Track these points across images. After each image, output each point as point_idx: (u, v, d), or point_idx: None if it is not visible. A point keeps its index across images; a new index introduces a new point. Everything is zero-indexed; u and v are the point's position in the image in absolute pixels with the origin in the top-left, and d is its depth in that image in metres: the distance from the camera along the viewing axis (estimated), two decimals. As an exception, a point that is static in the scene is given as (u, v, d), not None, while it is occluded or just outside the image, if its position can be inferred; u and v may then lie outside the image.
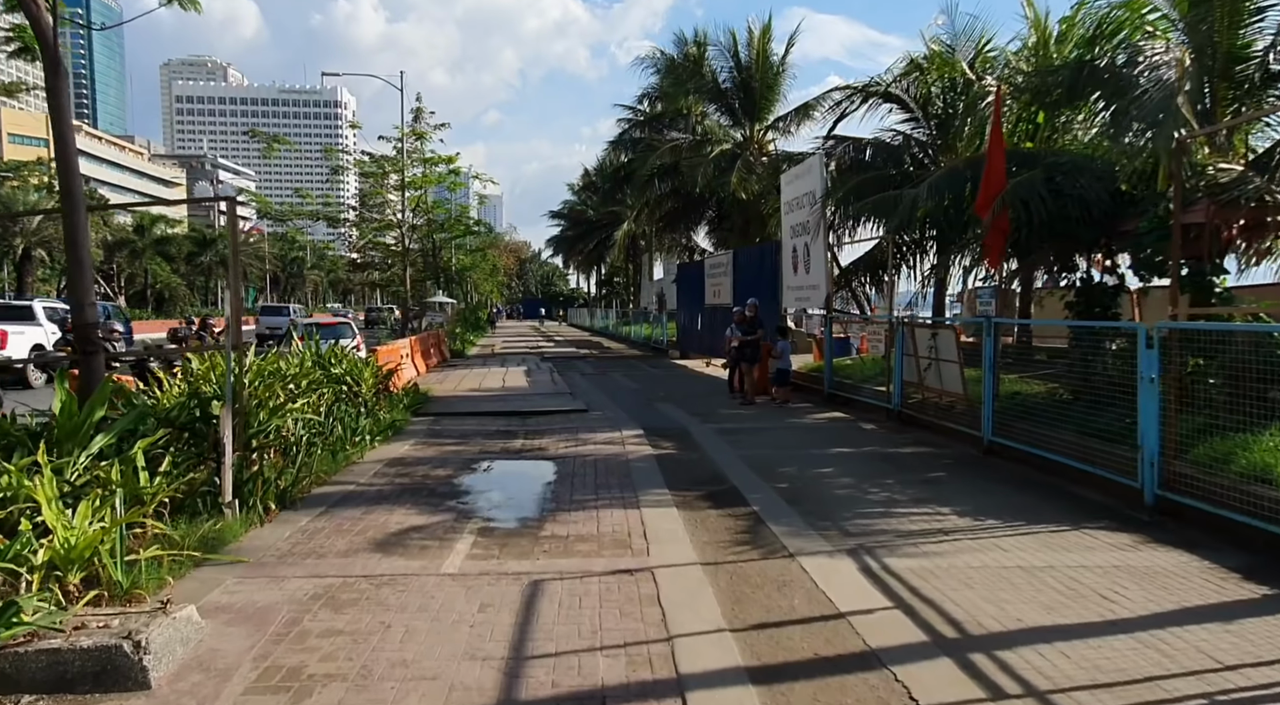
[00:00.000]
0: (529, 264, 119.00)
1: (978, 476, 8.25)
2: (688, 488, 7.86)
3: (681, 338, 27.02)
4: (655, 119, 34.72)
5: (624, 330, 40.75)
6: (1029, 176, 8.85)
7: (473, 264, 63.27)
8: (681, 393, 16.53)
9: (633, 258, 49.87)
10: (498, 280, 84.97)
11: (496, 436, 11.09)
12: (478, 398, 15.48)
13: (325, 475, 8.25)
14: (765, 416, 12.96)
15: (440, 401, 14.70)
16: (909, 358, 11.72)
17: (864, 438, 10.81)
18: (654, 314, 33.12)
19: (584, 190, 54.36)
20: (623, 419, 12.61)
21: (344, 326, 21.38)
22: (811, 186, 14.90)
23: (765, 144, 27.99)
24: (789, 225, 16.52)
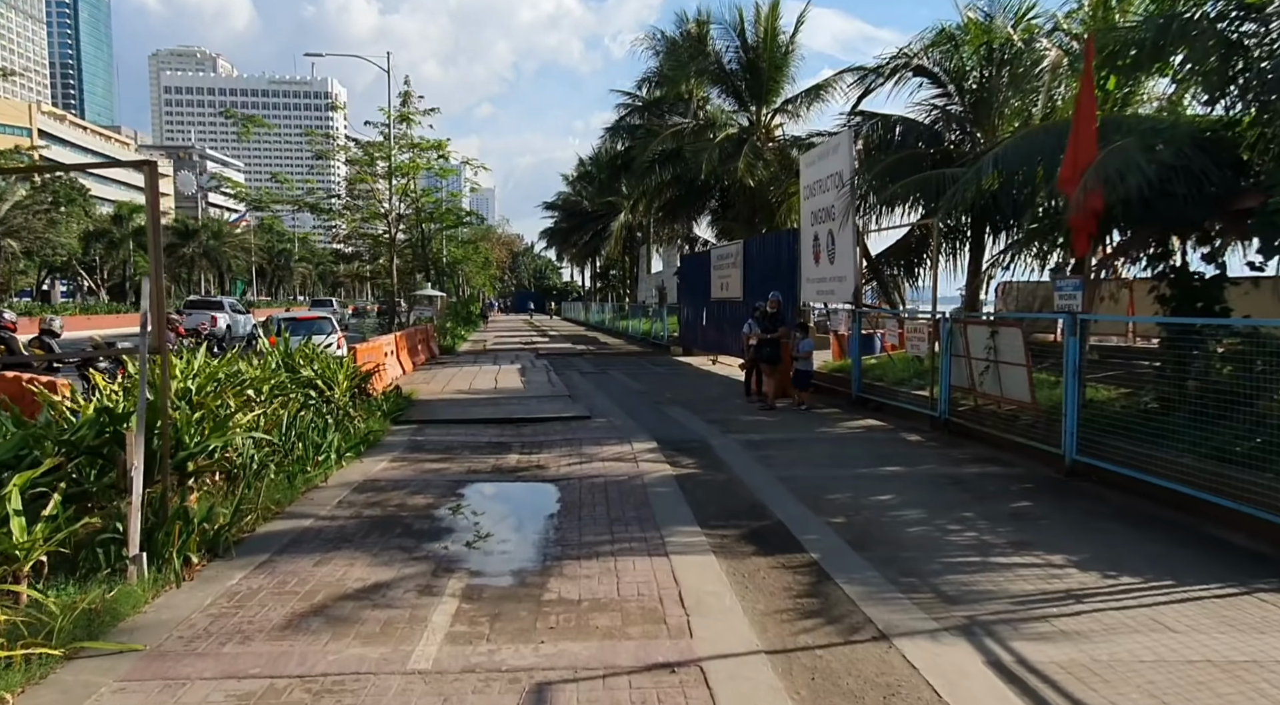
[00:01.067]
0: (521, 257, 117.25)
1: (1073, 508, 6.79)
2: (722, 523, 6.39)
3: (684, 333, 25.55)
4: (654, 104, 33.13)
5: (621, 325, 39.25)
6: (1121, 145, 7.41)
7: (465, 256, 61.77)
8: (691, 395, 15.06)
9: (630, 250, 48.32)
10: (490, 273, 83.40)
11: (488, 450, 9.60)
12: (468, 401, 13.98)
13: (278, 506, 6.75)
14: (792, 424, 11.50)
15: (425, 406, 13.20)
16: (958, 359, 10.27)
17: (914, 453, 9.35)
18: (653, 308, 31.63)
19: (579, 180, 52.71)
20: (631, 428, 11.13)
21: (322, 321, 19.83)
22: (838, 167, 13.42)
23: (773, 128, 26.48)
24: (809, 211, 15.04)
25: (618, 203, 44.27)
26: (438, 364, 22.31)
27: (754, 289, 18.51)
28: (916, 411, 11.27)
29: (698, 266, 23.77)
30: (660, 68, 32.63)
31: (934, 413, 10.71)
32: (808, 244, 15.23)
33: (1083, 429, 7.64)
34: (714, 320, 21.80)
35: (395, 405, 12.18)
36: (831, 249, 14.04)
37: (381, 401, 12.00)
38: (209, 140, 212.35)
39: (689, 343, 25.04)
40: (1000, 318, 9.77)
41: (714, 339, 21.92)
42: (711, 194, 28.30)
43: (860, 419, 11.95)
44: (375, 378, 14.52)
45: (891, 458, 9.01)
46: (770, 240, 17.61)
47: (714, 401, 14.09)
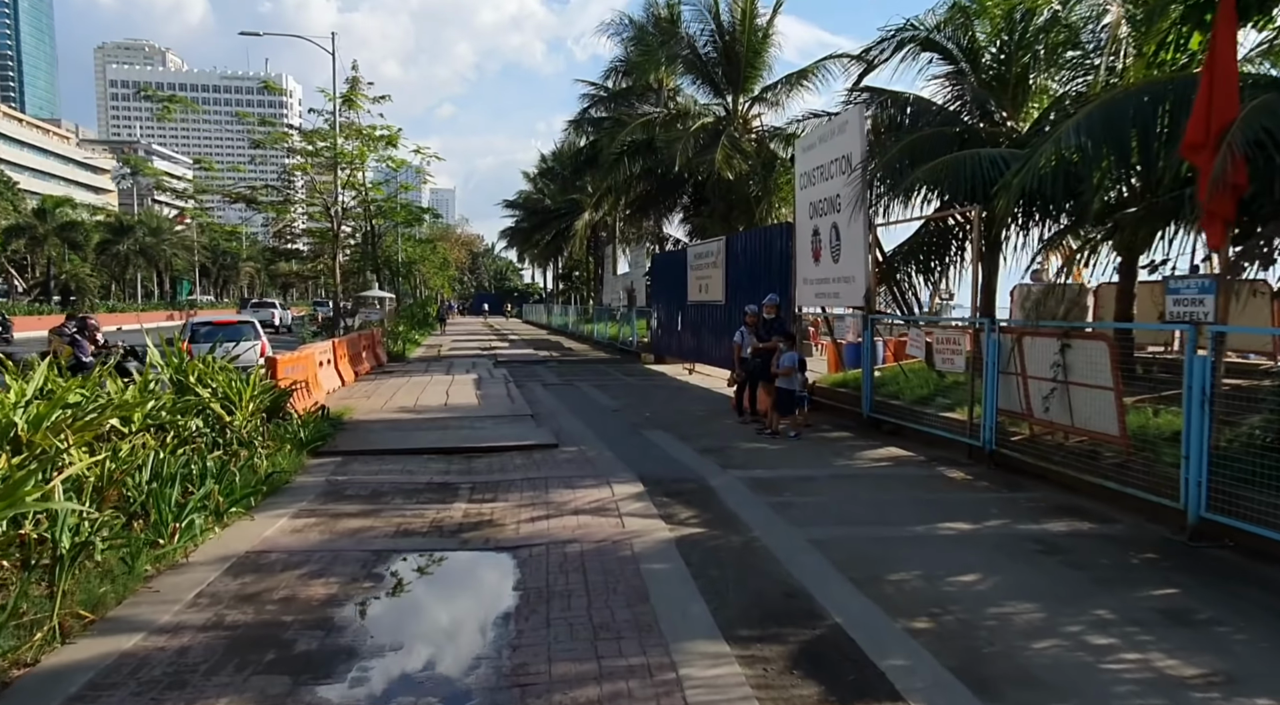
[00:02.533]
0: (482, 258, 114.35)
1: (1247, 601, 4.88)
2: (756, 629, 4.38)
3: (655, 339, 23.56)
4: (622, 96, 31.19)
5: (586, 329, 37.11)
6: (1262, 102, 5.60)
7: (422, 256, 59.12)
8: (673, 413, 13.05)
9: (594, 250, 46.20)
10: (449, 274, 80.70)
11: (427, 496, 7.47)
12: (411, 423, 11.79)
13: (101, 607, 4.57)
14: (802, 455, 9.54)
15: (357, 431, 10.99)
16: (1007, 377, 8.42)
17: (969, 500, 7.43)
18: (621, 311, 29.59)
19: (541, 177, 50.45)
20: (608, 461, 9.07)
21: (242, 327, 17.41)
22: (846, 149, 11.53)
23: (750, 119, 24.66)
24: (807, 202, 13.14)
25: (582, 200, 42.16)
26: (384, 373, 19.99)
27: (739, 291, 16.57)
28: (950, 439, 9.39)
29: (672, 266, 21.80)
30: (627, 56, 30.69)
31: (974, 442, 8.84)
32: (805, 240, 13.33)
33: (1214, 476, 5.78)
34: (691, 325, 19.83)
35: (318, 431, 9.97)
36: (836, 245, 12.14)
37: (300, 427, 9.77)
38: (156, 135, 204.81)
39: (661, 349, 23.05)
40: (1073, 328, 7.89)
41: (691, 346, 19.95)
42: (684, 189, 26.36)
43: (879, 446, 10.04)
44: (298, 395, 12.29)
45: (944, 507, 7.08)
46: (759, 236, 15.71)
47: (701, 422, 12.10)
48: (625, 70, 31.52)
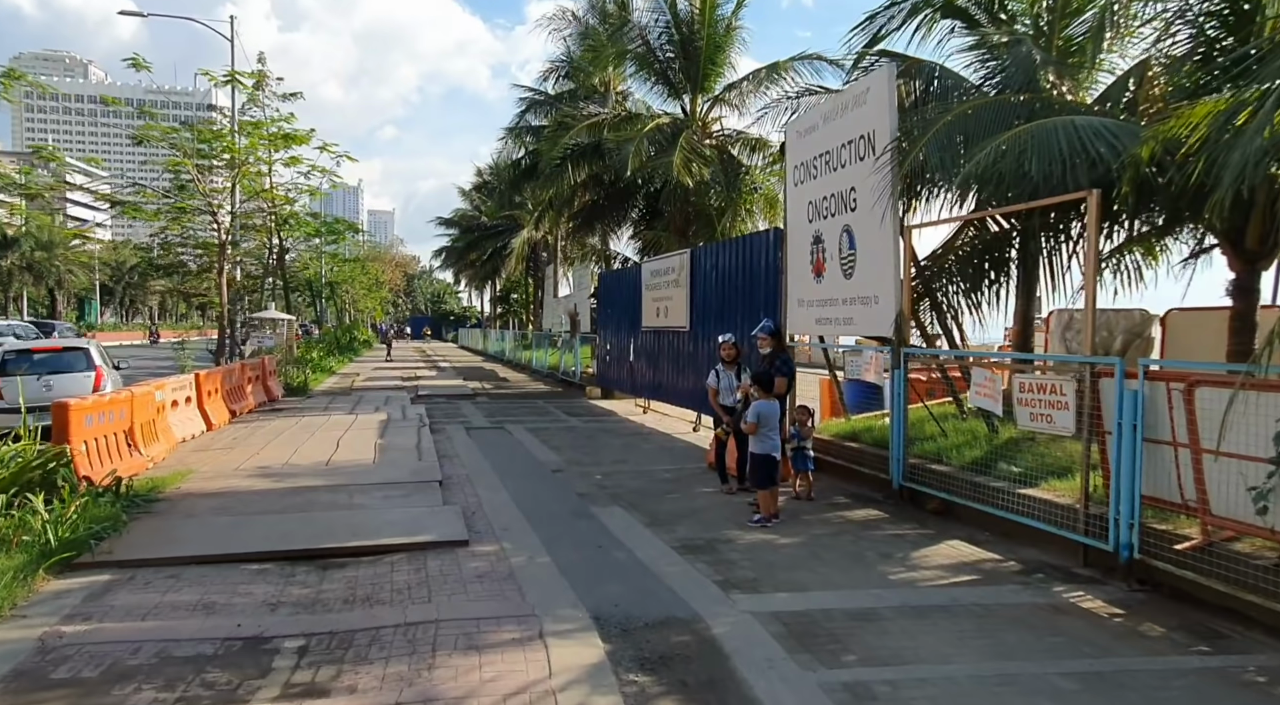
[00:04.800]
0: (418, 280, 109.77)
1: None
2: None
3: (603, 370, 20.37)
4: (564, 98, 28.16)
5: (524, 356, 33.69)
6: None
7: (349, 276, 54.90)
8: (633, 474, 9.86)
9: (533, 271, 42.90)
10: (381, 296, 76.38)
11: (210, 679, 4.11)
12: (261, 497, 8.32)
13: None
14: (832, 556, 6.41)
15: (172, 513, 7.50)
16: (1156, 447, 5.51)
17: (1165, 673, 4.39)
18: (563, 338, 26.35)
19: (476, 191, 46.96)
20: (543, 579, 5.81)
21: (70, 355, 13.59)
22: (867, 126, 8.64)
23: (710, 123, 21.84)
24: (805, 201, 10.19)
25: (519, 216, 38.91)
26: (272, 412, 16.32)
27: (708, 316, 13.53)
28: (1047, 534, 6.40)
29: (622, 287, 18.70)
30: (570, 55, 27.82)
31: (1098, 543, 5.87)
32: (800, 250, 10.36)
33: None
34: (646, 356, 16.71)
35: (92, 522, 6.46)
36: (848, 255, 9.17)
37: (57, 520, 6.24)
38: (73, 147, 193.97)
39: (610, 382, 19.87)
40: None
41: (645, 380, 16.82)
42: (635, 200, 23.36)
43: (935, 538, 7.00)
44: (115, 453, 8.78)
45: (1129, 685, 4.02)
46: (735, 248, 12.72)
47: (671, 489, 8.93)
48: (567, 72, 28.62)
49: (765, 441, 7.60)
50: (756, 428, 7.59)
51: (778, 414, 7.73)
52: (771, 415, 7.64)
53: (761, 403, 7.66)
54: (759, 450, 7.61)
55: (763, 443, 7.60)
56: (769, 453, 7.59)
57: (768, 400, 7.69)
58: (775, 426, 7.69)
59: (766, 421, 7.61)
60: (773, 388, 7.78)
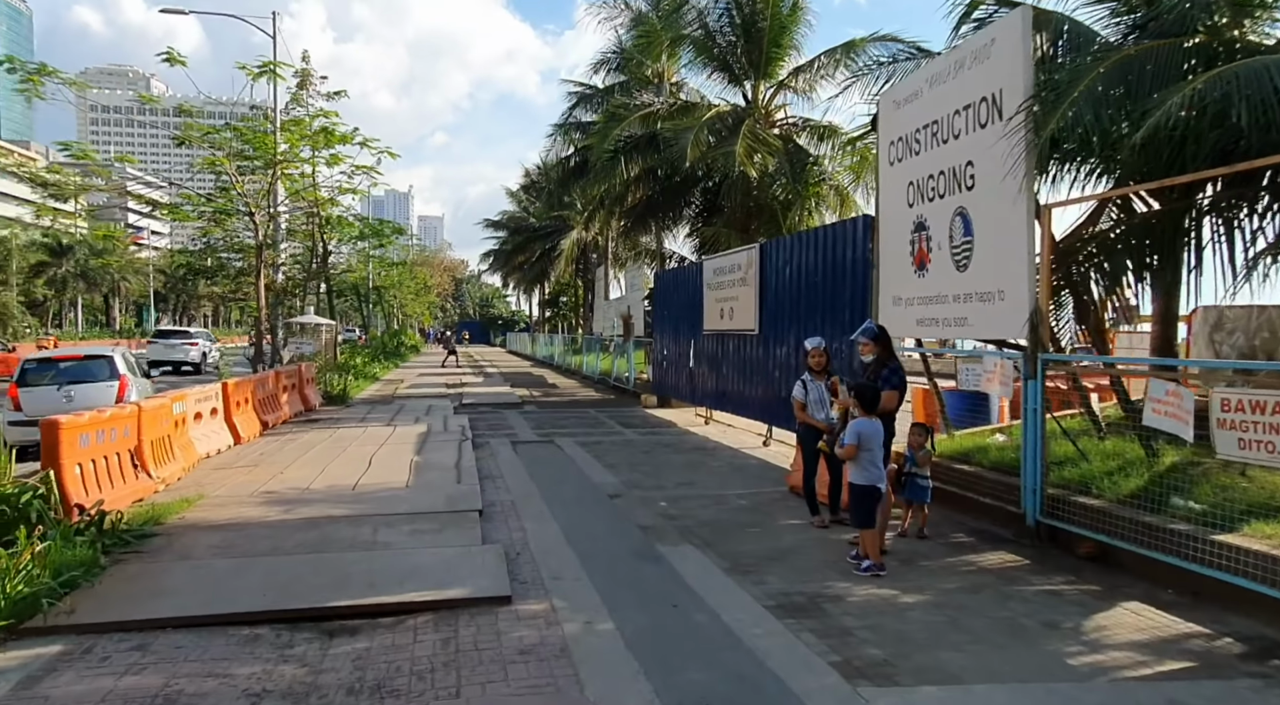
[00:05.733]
0: (466, 284, 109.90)
1: None
2: None
3: (659, 376, 19.01)
4: (615, 90, 26.88)
5: (574, 361, 32.55)
6: None
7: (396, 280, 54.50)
8: (703, 501, 8.46)
9: (583, 273, 41.77)
10: (428, 300, 76.26)
11: None
12: (271, 531, 7.14)
13: None
14: (978, 625, 4.92)
15: (163, 554, 6.34)
16: None
17: None
18: (616, 342, 25.07)
19: (525, 191, 46.04)
20: (604, 656, 4.46)
21: (93, 364, 12.75)
22: (991, 86, 7.14)
23: (773, 111, 20.35)
24: (905, 182, 8.70)
25: (570, 216, 37.85)
26: (308, 422, 15.32)
27: (780, 317, 12.09)
28: (1266, 597, 4.84)
29: (682, 286, 17.32)
30: (621, 45, 26.55)
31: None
32: (898, 239, 8.85)
33: None
34: (708, 362, 15.30)
35: (66, 565, 5.32)
36: (963, 243, 7.65)
37: (34, 563, 5.08)
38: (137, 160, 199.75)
39: (667, 389, 18.49)
40: None
41: (708, 388, 15.40)
42: (692, 194, 21.95)
43: (1100, 598, 5.46)
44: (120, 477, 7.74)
45: None
46: (813, 240, 11.23)
47: (751, 522, 7.51)
48: (618, 64, 27.34)
49: (867, 469, 6.12)
50: (856, 451, 6.13)
51: (882, 435, 6.26)
52: (875, 437, 6.16)
53: (862, 421, 6.20)
54: (860, 480, 6.14)
55: (865, 470, 6.13)
56: (872, 483, 6.11)
57: (870, 418, 6.22)
58: (879, 450, 6.21)
59: (869, 444, 6.14)
60: (877, 404, 6.30)
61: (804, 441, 7.49)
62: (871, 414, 6.23)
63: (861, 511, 6.13)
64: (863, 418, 6.23)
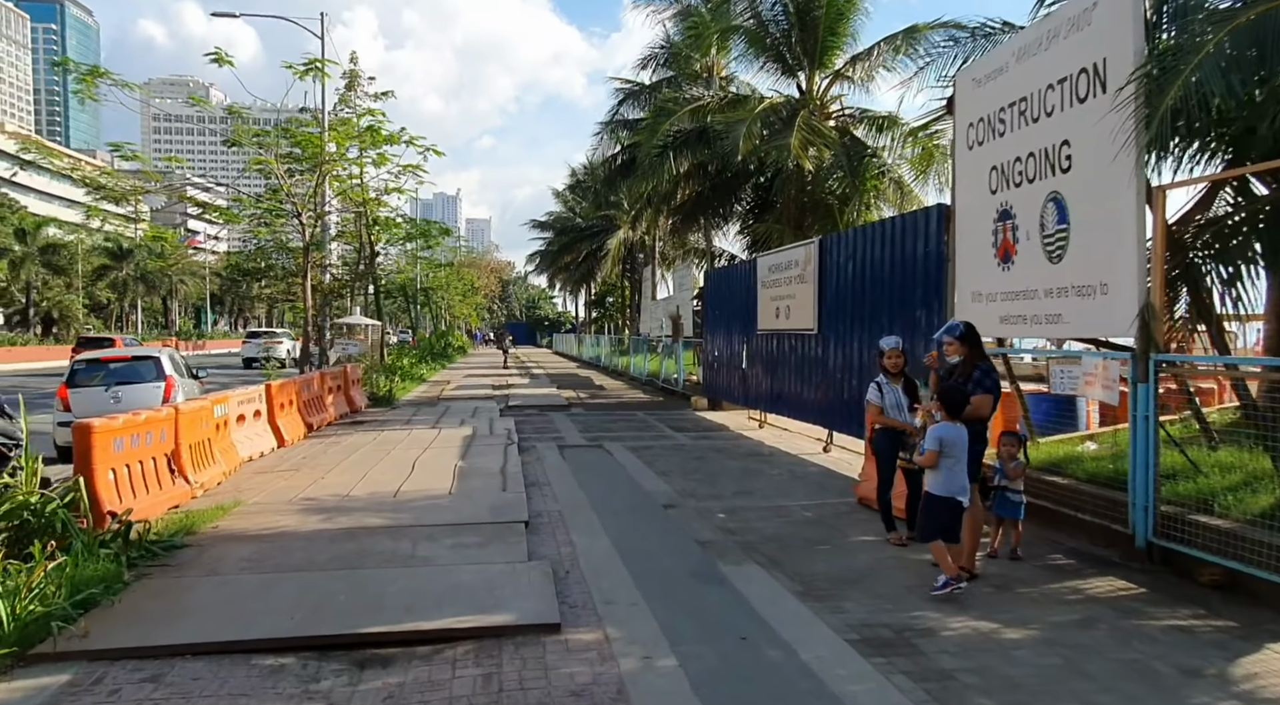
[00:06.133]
0: (512, 286, 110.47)
1: None
2: None
3: (710, 378, 18.39)
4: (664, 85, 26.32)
5: (621, 362, 32.10)
6: None
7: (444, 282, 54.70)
8: (765, 513, 7.83)
9: (630, 273, 41.29)
10: (475, 302, 76.61)
11: None
12: (307, 541, 6.73)
13: None
14: (1099, 668, 4.22)
15: (189, 568, 5.95)
16: None
17: None
18: (664, 343, 24.50)
19: (571, 190, 45.75)
20: (667, 693, 3.90)
21: (140, 365, 12.66)
22: (1090, 56, 6.38)
23: (828, 102, 19.58)
24: (987, 167, 7.96)
25: (616, 216, 37.40)
26: (353, 424, 15.07)
27: (842, 315, 11.39)
28: None
29: (733, 285, 16.68)
30: (669, 40, 26.02)
31: None
32: (978, 229, 8.12)
33: None
34: (762, 363, 14.64)
35: (85, 582, 4.95)
36: (1056, 232, 6.90)
37: (47, 580, 4.71)
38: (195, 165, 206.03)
39: (718, 391, 17.86)
40: None
41: (762, 390, 14.74)
42: (743, 190, 21.29)
43: (1239, 635, 4.71)
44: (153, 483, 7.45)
45: None
46: (881, 233, 10.50)
47: (817, 533, 6.87)
48: (666, 59, 26.78)
49: (949, 479, 5.45)
50: (937, 459, 5.46)
51: (966, 442, 5.56)
52: (958, 444, 5.48)
53: (945, 426, 5.52)
54: (939, 490, 5.47)
55: (946, 480, 5.45)
56: (953, 495, 5.44)
57: (954, 424, 5.53)
58: (963, 459, 5.52)
59: (952, 451, 5.46)
60: (964, 408, 5.60)
61: (879, 449, 6.82)
62: (956, 419, 5.55)
63: (935, 524, 5.47)
64: (945, 422, 5.56)
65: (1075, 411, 9.48)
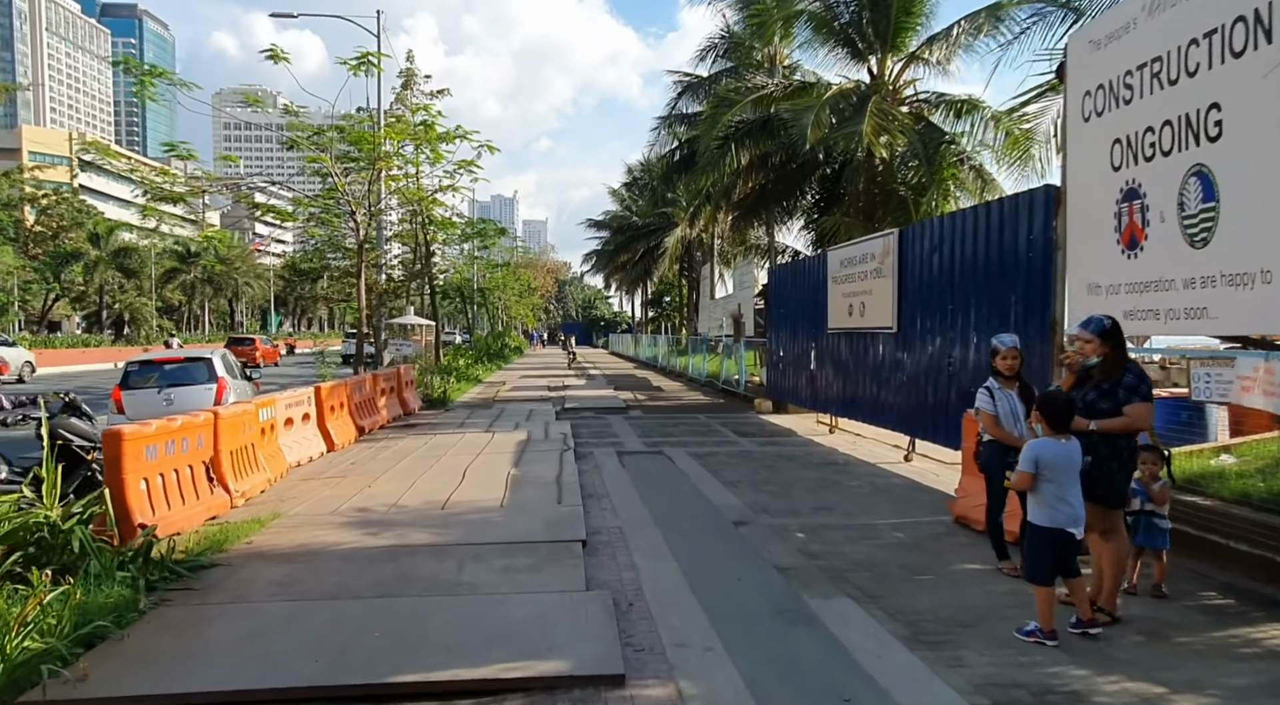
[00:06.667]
0: (569, 286, 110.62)
1: None
2: None
3: (774, 379, 17.48)
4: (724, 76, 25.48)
5: (679, 363, 31.31)
6: None
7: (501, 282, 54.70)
8: (850, 532, 6.96)
9: (687, 271, 40.48)
10: (532, 302, 76.70)
11: None
12: (343, 560, 6.13)
13: None
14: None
15: (224, 585, 5.39)
16: None
17: None
18: (724, 342, 23.63)
19: (627, 188, 45.13)
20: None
21: (193, 366, 12.41)
22: (1247, 3, 5.41)
23: (902, 87, 18.48)
24: (1107, 141, 6.91)
25: (674, 213, 36.67)
26: (405, 427, 14.63)
27: (928, 312, 10.41)
28: None
29: (801, 281, 15.75)
30: (729, 31, 25.20)
31: None
32: (1092, 212, 7.11)
33: None
34: (834, 363, 13.70)
35: (95, 610, 4.40)
36: (1200, 212, 5.88)
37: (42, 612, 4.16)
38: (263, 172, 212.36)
39: (783, 393, 16.94)
40: None
41: (833, 393, 13.80)
42: (809, 182, 20.31)
43: None
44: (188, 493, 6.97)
45: None
46: (972, 220, 9.48)
47: (913, 559, 5.99)
48: (726, 50, 25.95)
49: (1053, 506, 4.50)
50: (1031, 481, 4.54)
51: (1077, 461, 4.58)
52: (1062, 465, 4.50)
53: (1045, 442, 4.59)
54: (1041, 520, 4.53)
55: (1048, 507, 4.51)
56: (1058, 526, 4.48)
57: (1059, 438, 4.58)
58: (1072, 482, 4.53)
59: (1054, 473, 4.51)
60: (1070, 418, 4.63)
61: (988, 466, 5.90)
62: (1062, 432, 4.60)
63: (1038, 562, 4.56)
64: (1047, 437, 4.63)
65: (1205, 420, 8.35)
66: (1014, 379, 5.87)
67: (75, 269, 46.20)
